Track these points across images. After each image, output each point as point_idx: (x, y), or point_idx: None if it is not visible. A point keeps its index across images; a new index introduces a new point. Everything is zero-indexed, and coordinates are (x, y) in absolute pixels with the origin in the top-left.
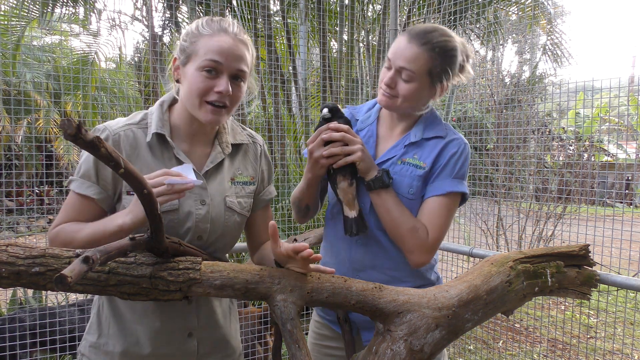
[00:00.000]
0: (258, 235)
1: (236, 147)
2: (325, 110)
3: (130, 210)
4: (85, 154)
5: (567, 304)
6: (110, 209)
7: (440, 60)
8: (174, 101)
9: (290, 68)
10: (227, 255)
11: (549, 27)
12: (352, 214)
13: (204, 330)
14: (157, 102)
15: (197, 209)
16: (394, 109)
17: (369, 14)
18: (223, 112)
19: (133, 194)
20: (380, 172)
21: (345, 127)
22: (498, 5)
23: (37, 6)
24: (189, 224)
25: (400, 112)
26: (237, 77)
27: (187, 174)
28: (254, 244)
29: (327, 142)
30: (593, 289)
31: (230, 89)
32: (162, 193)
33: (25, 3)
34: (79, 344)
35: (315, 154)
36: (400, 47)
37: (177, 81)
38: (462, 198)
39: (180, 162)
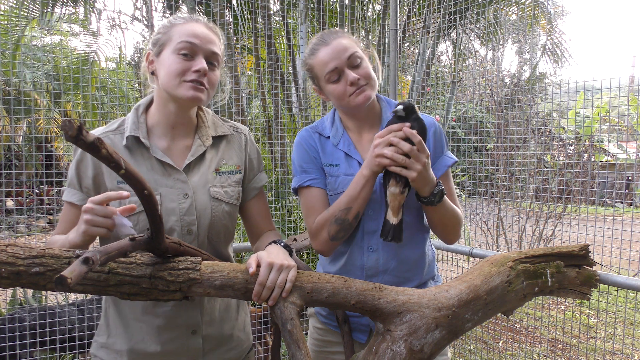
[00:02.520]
0: (256, 224)
1: (219, 138)
2: (400, 107)
3: (76, 229)
4: (72, 161)
5: (567, 304)
6: None
7: (355, 39)
8: (150, 104)
9: (290, 68)
10: (231, 251)
11: (549, 27)
12: (393, 220)
13: (208, 327)
14: (133, 107)
15: (180, 203)
16: (369, 98)
17: (369, 14)
18: (203, 90)
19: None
20: (434, 196)
21: (418, 139)
22: (498, 5)
23: (37, 6)
24: (174, 218)
25: (370, 100)
26: (211, 62)
27: (124, 225)
28: (253, 234)
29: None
30: (593, 289)
31: (207, 68)
32: (101, 225)
33: (25, 3)
34: (79, 343)
35: (377, 150)
36: (332, 50)
37: (152, 74)
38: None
39: (159, 162)
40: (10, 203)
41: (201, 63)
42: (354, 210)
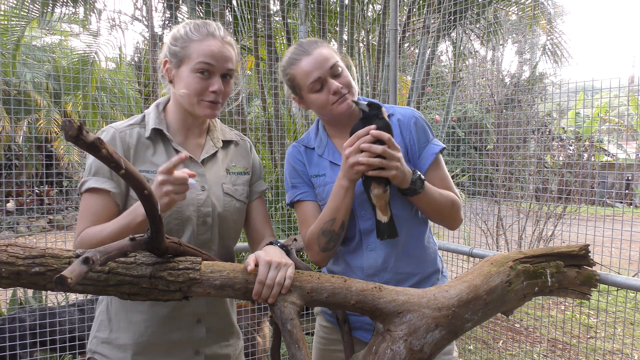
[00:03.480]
0: (256, 228)
1: (227, 142)
2: (364, 102)
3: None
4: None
5: (567, 304)
6: (123, 205)
7: (334, 48)
8: (167, 102)
9: None
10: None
11: (549, 27)
12: (384, 218)
13: (212, 317)
14: (153, 104)
15: (197, 195)
16: (351, 106)
17: (369, 14)
18: (218, 106)
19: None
20: (414, 183)
21: (387, 136)
22: (498, 5)
23: (37, 6)
24: (192, 208)
25: (352, 108)
26: (225, 75)
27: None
28: (253, 238)
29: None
30: (593, 289)
31: (223, 87)
32: (180, 191)
33: (25, 3)
34: (79, 344)
35: (351, 160)
36: (314, 59)
37: (170, 81)
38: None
39: (177, 153)
40: (10, 204)
41: (218, 83)
42: (338, 221)
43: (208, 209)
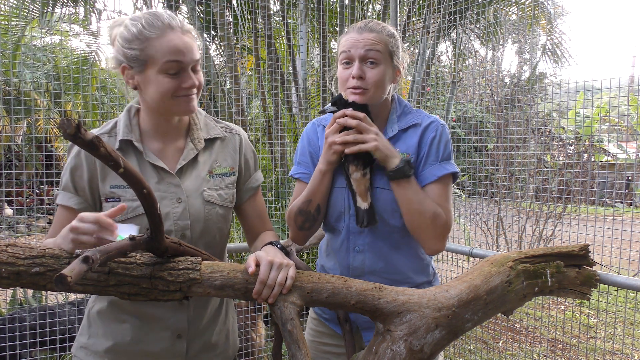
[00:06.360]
0: (254, 225)
1: (211, 141)
2: (329, 105)
3: (60, 243)
4: (65, 165)
5: (567, 304)
6: None
7: (393, 41)
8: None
9: (290, 68)
10: (227, 254)
11: (549, 27)
12: (364, 205)
13: (194, 333)
14: (125, 109)
15: (173, 208)
16: (367, 102)
17: (369, 14)
18: (194, 98)
19: (110, 201)
20: (402, 162)
21: (361, 114)
22: (498, 5)
23: (37, 6)
24: (168, 223)
25: (372, 104)
26: (194, 67)
27: (128, 231)
28: (251, 235)
29: (345, 129)
30: (593, 289)
31: (196, 81)
32: (85, 242)
33: (25, 3)
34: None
35: (329, 139)
36: (356, 38)
37: (135, 88)
38: (454, 177)
39: (152, 166)
40: (8, 211)
41: (190, 79)
42: (314, 203)
43: (186, 221)
